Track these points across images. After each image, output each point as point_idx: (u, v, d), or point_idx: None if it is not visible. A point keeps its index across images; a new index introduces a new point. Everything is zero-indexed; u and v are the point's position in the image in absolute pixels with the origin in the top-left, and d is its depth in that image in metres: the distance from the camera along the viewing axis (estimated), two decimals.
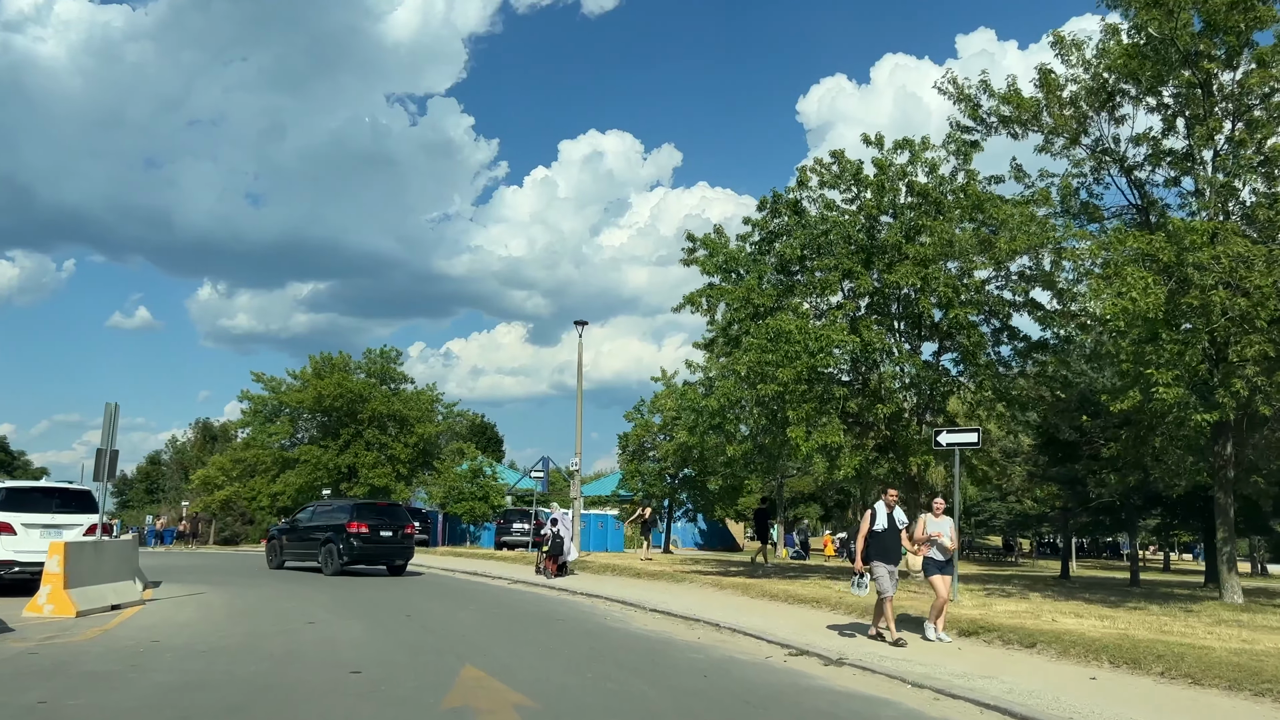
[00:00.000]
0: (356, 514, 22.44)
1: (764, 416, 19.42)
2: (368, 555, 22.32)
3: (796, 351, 18.12)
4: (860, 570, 11.48)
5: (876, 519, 11.50)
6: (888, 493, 11.70)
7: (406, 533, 22.96)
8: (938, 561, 11.60)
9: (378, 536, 22.21)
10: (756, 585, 18.05)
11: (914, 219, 19.20)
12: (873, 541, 11.45)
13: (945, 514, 12.04)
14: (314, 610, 14.44)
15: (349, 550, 21.86)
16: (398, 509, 24.63)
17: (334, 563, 21.98)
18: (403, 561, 23.04)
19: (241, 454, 49.23)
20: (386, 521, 22.74)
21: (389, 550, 22.65)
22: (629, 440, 42.25)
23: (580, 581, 20.70)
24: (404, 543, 22.87)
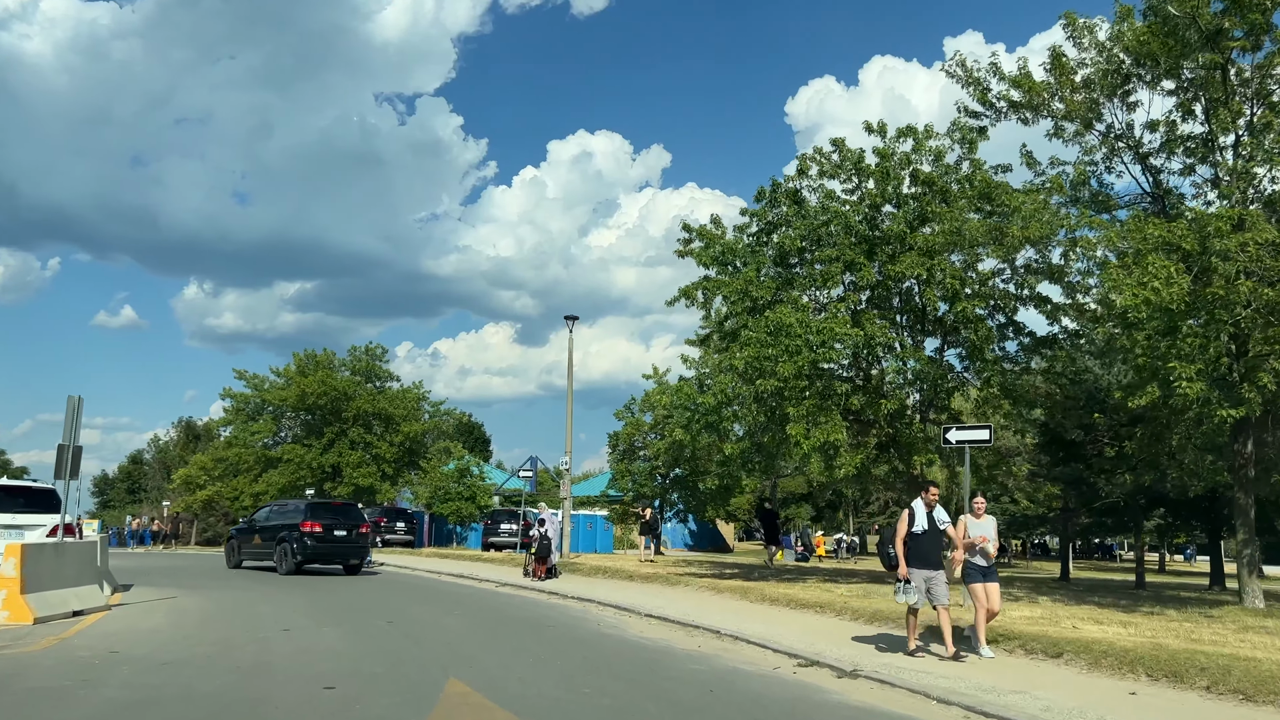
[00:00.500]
0: (310, 513, 22.64)
1: (762, 413, 18.69)
2: (321, 554, 22.53)
3: (797, 345, 17.40)
4: (904, 576, 10.36)
5: (915, 520, 10.41)
6: (927, 490, 10.54)
7: (361, 532, 23.29)
8: (980, 568, 10.54)
9: (331, 536, 22.44)
10: (755, 589, 17.32)
11: (919, 208, 18.52)
12: (911, 545, 10.38)
13: (987, 514, 11.06)
14: (291, 616, 13.63)
15: (303, 549, 22.07)
16: (352, 509, 24.85)
17: (288, 561, 22.14)
18: (357, 561, 23.30)
19: (223, 453, 48.29)
20: (341, 521, 22.94)
21: (343, 549, 22.86)
22: (619, 439, 41.49)
23: (571, 584, 19.93)
24: (358, 542, 23.14)
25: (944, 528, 10.48)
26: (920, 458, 17.80)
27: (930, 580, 10.30)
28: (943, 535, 10.51)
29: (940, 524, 10.43)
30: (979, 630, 10.62)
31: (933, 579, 10.32)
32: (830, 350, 16.99)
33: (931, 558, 10.37)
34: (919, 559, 10.31)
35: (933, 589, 10.29)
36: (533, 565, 21.40)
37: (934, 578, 10.32)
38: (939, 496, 10.58)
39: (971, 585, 10.59)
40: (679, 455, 37.70)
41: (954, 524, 10.83)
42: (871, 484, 24.77)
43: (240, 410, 48.45)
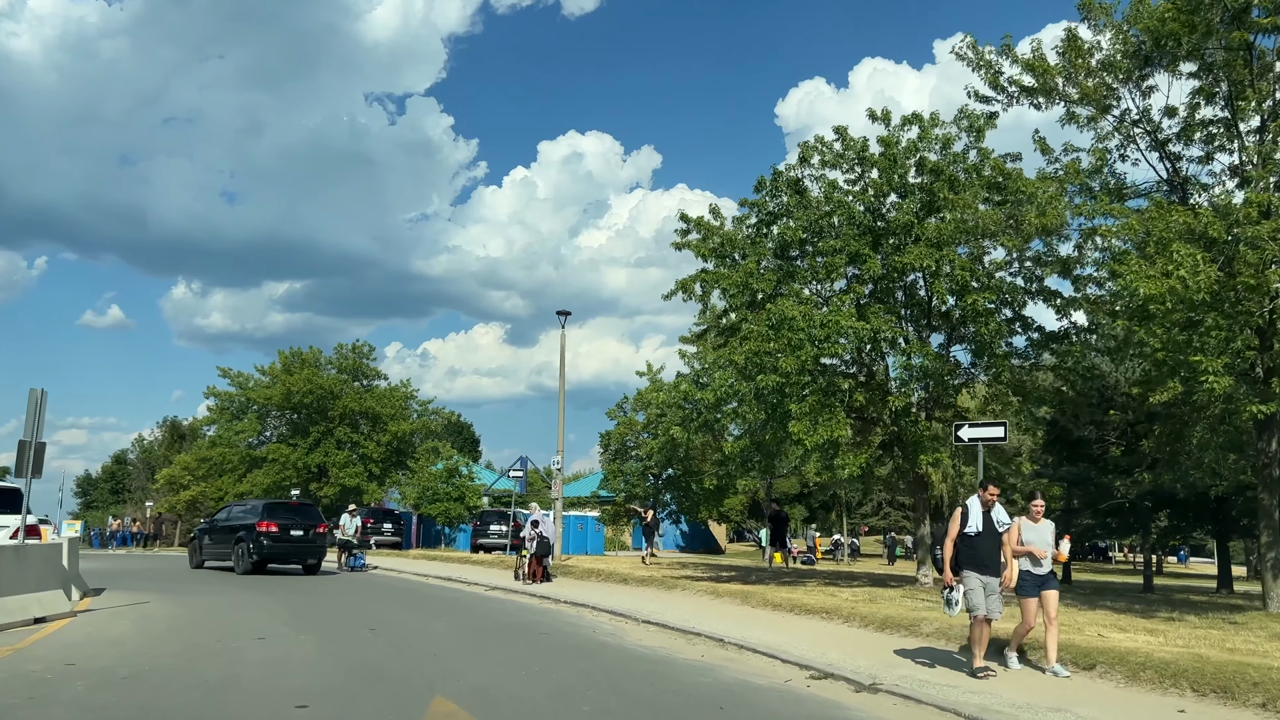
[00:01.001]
0: (267, 513, 22.89)
1: (763, 411, 17.99)
2: (277, 554, 22.79)
3: (800, 340, 16.71)
4: (950, 583, 9.28)
5: (969, 519, 9.31)
6: (985, 489, 9.45)
7: (318, 532, 23.54)
8: (1037, 577, 9.49)
9: (288, 536, 22.66)
10: (756, 593, 16.61)
11: (926, 198, 17.84)
12: (964, 547, 9.30)
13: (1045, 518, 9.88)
14: (268, 622, 12.85)
15: (259, 549, 22.29)
16: (310, 509, 25.11)
17: (244, 561, 22.43)
18: (315, 560, 23.52)
19: (207, 453, 47.38)
20: (297, 521, 23.17)
21: (300, 549, 23.11)
22: (611, 439, 40.70)
23: (564, 588, 19.19)
24: (315, 542, 23.37)
25: (1004, 530, 9.42)
26: (926, 457, 17.11)
27: (988, 589, 9.21)
28: (1001, 538, 9.45)
29: (1000, 525, 9.37)
30: (1013, 641, 9.75)
31: (991, 587, 9.22)
32: (834, 345, 16.29)
33: (989, 562, 9.24)
34: (974, 563, 9.22)
35: (988, 598, 9.26)
36: (527, 568, 20.64)
37: (991, 586, 9.22)
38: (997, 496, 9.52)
39: (1026, 599, 9.47)
40: (672, 455, 37.00)
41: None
42: (874, 484, 24.06)
43: (225, 409, 47.57)
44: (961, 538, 9.33)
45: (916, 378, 16.92)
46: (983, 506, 9.37)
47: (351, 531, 25.64)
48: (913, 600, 16.08)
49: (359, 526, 26.35)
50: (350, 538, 25.49)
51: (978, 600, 9.10)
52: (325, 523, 24.51)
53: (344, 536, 25.53)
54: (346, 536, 25.48)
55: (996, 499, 9.51)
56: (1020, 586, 9.50)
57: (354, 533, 25.75)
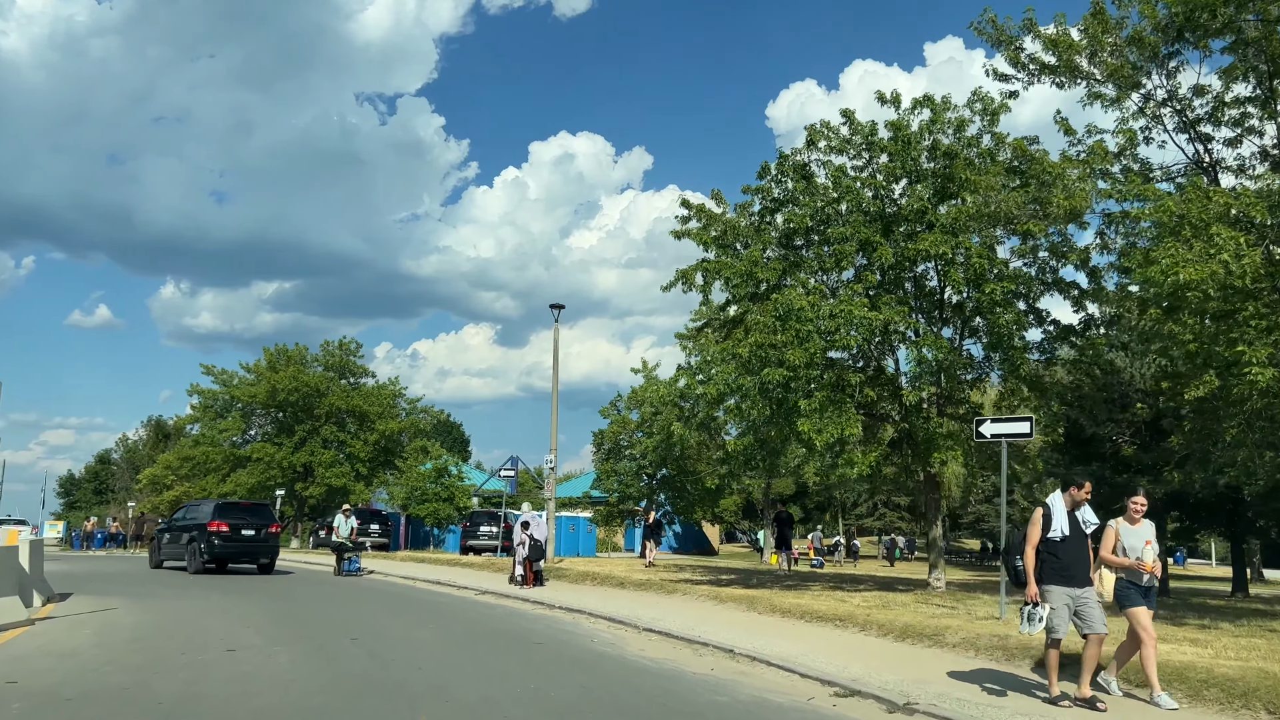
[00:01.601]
0: (218, 513, 23.19)
1: (767, 406, 17.12)
2: (228, 553, 23.03)
3: (807, 331, 15.83)
4: (1032, 598, 7.95)
5: (1052, 522, 8.03)
6: (1080, 487, 8.16)
7: (270, 531, 23.83)
8: (1140, 587, 8.22)
9: (239, 535, 22.93)
10: (763, 598, 15.73)
11: (939, 184, 16.99)
12: (1047, 555, 7.99)
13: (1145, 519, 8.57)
14: (241, 631, 11.92)
15: (210, 548, 22.55)
16: (263, 509, 25.47)
17: (196, 560, 22.74)
18: (267, 560, 23.77)
19: (190, 452, 46.22)
20: (249, 520, 23.44)
21: (251, 548, 23.37)
22: (604, 438, 39.77)
23: (558, 593, 18.28)
24: (268, 541, 23.63)
25: (1089, 531, 8.20)
26: (940, 454, 16.26)
27: (1079, 600, 7.87)
28: (1089, 542, 8.22)
29: (1087, 527, 8.15)
30: (1149, 669, 8.13)
31: (1082, 599, 7.89)
32: (846, 336, 15.41)
33: (1076, 571, 7.93)
34: (1058, 573, 7.90)
35: (1082, 612, 7.87)
36: (521, 572, 19.73)
37: (1083, 597, 7.90)
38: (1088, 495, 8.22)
39: (1132, 610, 8.12)
40: (668, 454, 36.12)
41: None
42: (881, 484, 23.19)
43: (208, 407, 46.42)
44: (1044, 543, 8.02)
45: (930, 372, 16.06)
46: (1068, 506, 8.11)
47: (346, 533, 24.18)
48: (928, 606, 15.23)
49: (354, 528, 24.82)
50: (344, 540, 24.05)
51: (1059, 622, 7.87)
52: (278, 522, 24.97)
53: (338, 539, 24.15)
54: (341, 539, 24.07)
55: (1087, 498, 8.25)
56: (1123, 596, 8.24)
57: (349, 534, 24.27)
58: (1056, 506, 8.10)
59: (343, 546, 23.91)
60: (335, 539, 24.22)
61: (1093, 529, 8.16)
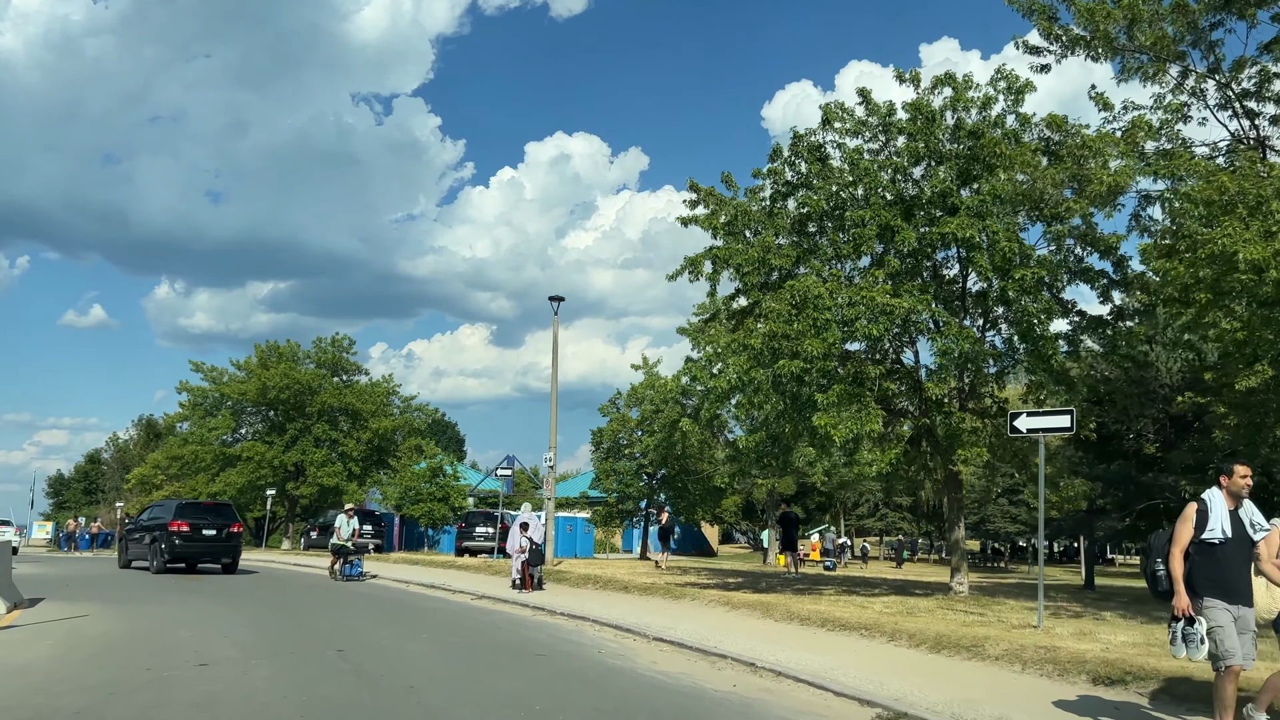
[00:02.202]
0: (178, 513, 23.37)
1: (781, 401, 16.17)
2: (189, 553, 23.17)
3: (825, 320, 14.88)
4: (1184, 612, 6.31)
5: (1209, 520, 6.44)
6: (1224, 475, 6.58)
7: (232, 531, 23.84)
8: None
9: (199, 535, 23.04)
10: (778, 604, 14.78)
11: (965, 165, 16.03)
12: (1202, 561, 6.41)
13: None
14: (217, 643, 10.94)
15: (170, 548, 22.74)
16: (225, 508, 25.42)
17: (157, 560, 22.96)
18: (229, 559, 23.82)
19: (179, 451, 45.15)
20: (210, 520, 23.52)
21: (212, 548, 23.45)
22: (603, 436, 38.84)
23: (559, 598, 17.32)
24: (229, 541, 23.69)
25: (1261, 536, 6.55)
26: (964, 451, 15.31)
27: (1240, 621, 6.29)
28: (1253, 548, 6.52)
29: (1256, 529, 6.52)
30: (1264, 698, 6.52)
31: (1243, 621, 6.32)
32: (870, 325, 14.44)
33: (1239, 584, 6.37)
34: (1218, 584, 6.34)
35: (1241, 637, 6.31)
36: (521, 575, 18.79)
37: (1244, 619, 6.33)
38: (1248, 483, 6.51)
39: None
40: (669, 453, 35.21)
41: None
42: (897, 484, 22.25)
43: (198, 405, 45.36)
44: (1197, 546, 6.45)
45: (956, 363, 15.11)
46: (1229, 502, 6.51)
47: (348, 535, 22.70)
48: (955, 613, 14.30)
49: (356, 529, 23.33)
50: (345, 542, 22.55)
51: (1230, 642, 6.18)
52: (240, 522, 25.24)
53: (339, 541, 22.68)
54: (342, 541, 22.60)
55: (1248, 488, 6.55)
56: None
57: (350, 536, 22.76)
58: (1215, 502, 6.50)
59: (343, 549, 22.57)
60: (336, 540, 22.86)
61: (1264, 532, 6.55)
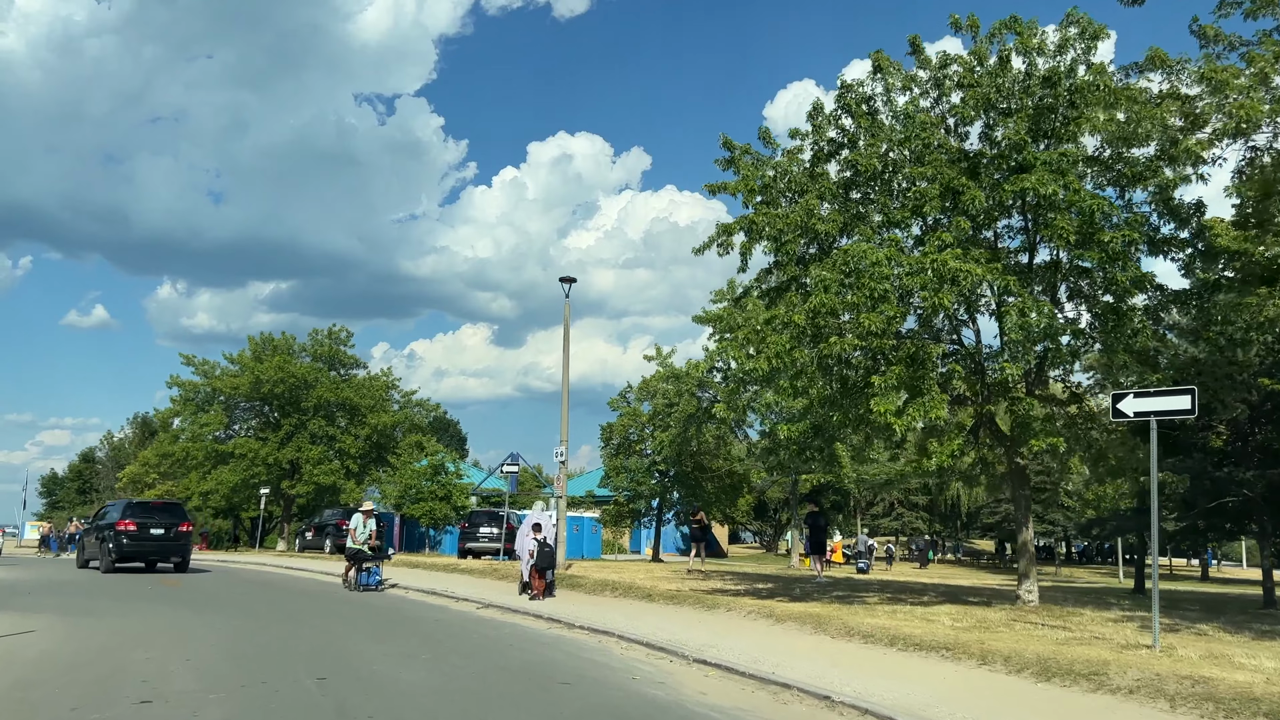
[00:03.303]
0: (126, 512, 23.53)
1: (828, 385, 14.28)
2: (137, 552, 23.30)
3: (884, 291, 12.97)
4: None
5: None
6: None
7: (181, 530, 23.83)
8: None
9: (147, 534, 23.10)
10: (830, 617, 12.88)
11: (1038, 117, 14.08)
12: None
13: None
14: (175, 668, 9.07)
15: (118, 547, 22.83)
16: (175, 508, 25.46)
17: (106, 559, 23.10)
18: (179, 558, 23.80)
19: (169, 448, 43.27)
20: (158, 519, 23.55)
21: (161, 548, 23.47)
22: (613, 431, 36.87)
23: (576, 606, 15.43)
24: (178, 540, 23.70)
25: None
26: (1039, 441, 13.38)
27: None
28: None
29: None
30: None
31: None
32: (937, 295, 12.49)
33: None
34: None
35: None
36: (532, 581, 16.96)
37: None
38: None
39: None
40: (683, 449, 33.30)
41: None
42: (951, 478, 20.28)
43: (189, 400, 43.43)
44: None
45: (1035, 339, 13.17)
46: None
47: (364, 538, 19.83)
48: (1039, 628, 12.41)
49: (374, 531, 20.28)
50: (362, 546, 19.72)
51: None
52: (189, 521, 25.33)
53: (354, 545, 19.86)
54: (357, 545, 19.76)
55: None
56: None
57: (367, 539, 19.88)
58: None
59: (360, 554, 19.70)
60: (351, 544, 20.04)
61: None
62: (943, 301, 12.48)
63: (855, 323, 13.24)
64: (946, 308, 12.90)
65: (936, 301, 12.47)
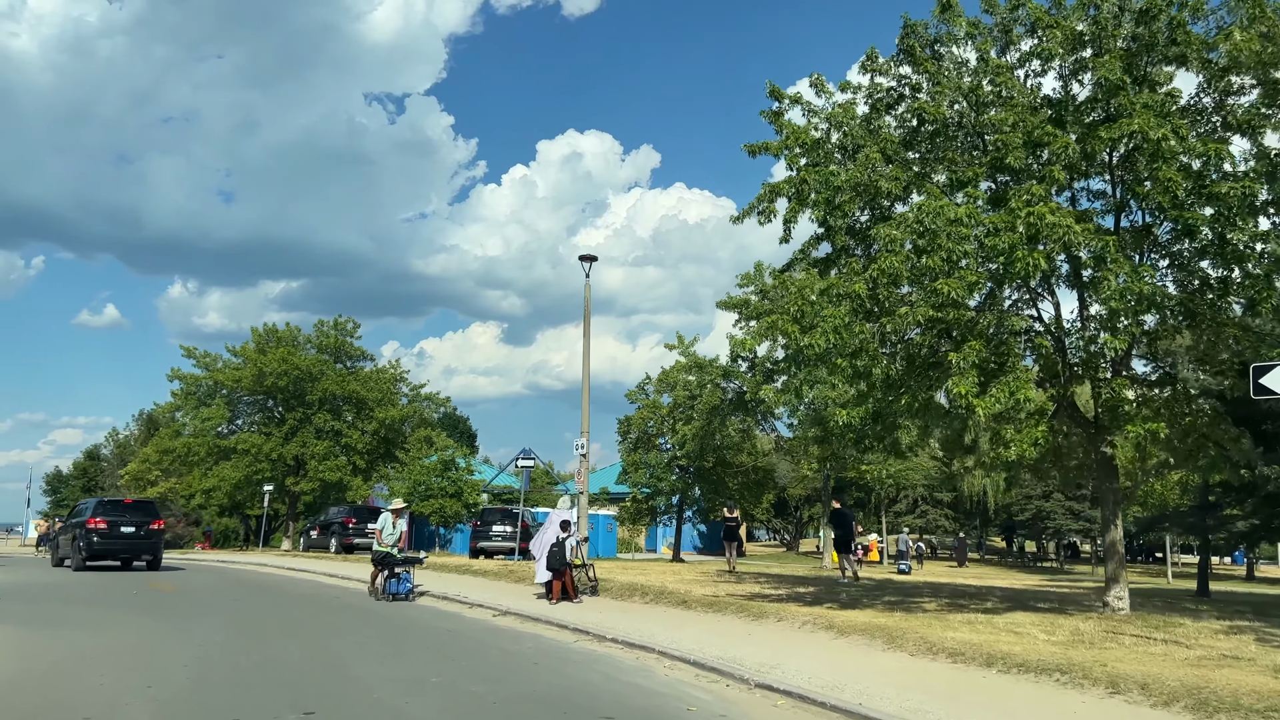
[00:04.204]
0: (96, 510, 23.65)
1: (894, 363, 12.55)
2: (107, 551, 23.25)
3: (961, 254, 11.22)
4: None
5: None
6: None
7: (152, 528, 23.76)
8: None
9: (117, 532, 23.07)
10: (902, 630, 11.15)
11: (1131, 57, 12.31)
12: None
13: None
14: (129, 697, 7.42)
15: (88, 546, 22.82)
16: (147, 505, 25.54)
17: (77, 558, 23.09)
18: (150, 557, 23.71)
19: (170, 443, 41.72)
20: (129, 517, 23.53)
21: (131, 546, 23.45)
22: (631, 425, 35.10)
23: (604, 615, 13.74)
24: (149, 538, 23.62)
25: None
26: (1136, 429, 11.63)
27: None
28: None
29: None
30: None
31: None
32: (1030, 256, 10.72)
33: None
34: None
35: None
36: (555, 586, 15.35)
37: None
38: None
39: None
40: (706, 443, 31.54)
41: None
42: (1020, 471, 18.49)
43: (190, 394, 41.87)
44: None
45: (1138, 309, 11.40)
46: None
47: (392, 540, 17.31)
48: (1149, 641, 10.65)
49: (404, 532, 17.80)
50: (389, 548, 17.18)
51: None
52: (161, 519, 25.29)
53: (381, 548, 17.20)
54: (384, 547, 17.17)
55: None
56: None
57: (396, 541, 17.48)
58: None
59: (388, 558, 17.06)
60: (378, 547, 17.36)
61: None
62: (1038, 263, 10.70)
63: (928, 291, 11.49)
64: (1045, 269, 11.12)
65: (1031, 263, 10.69)
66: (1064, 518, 44.61)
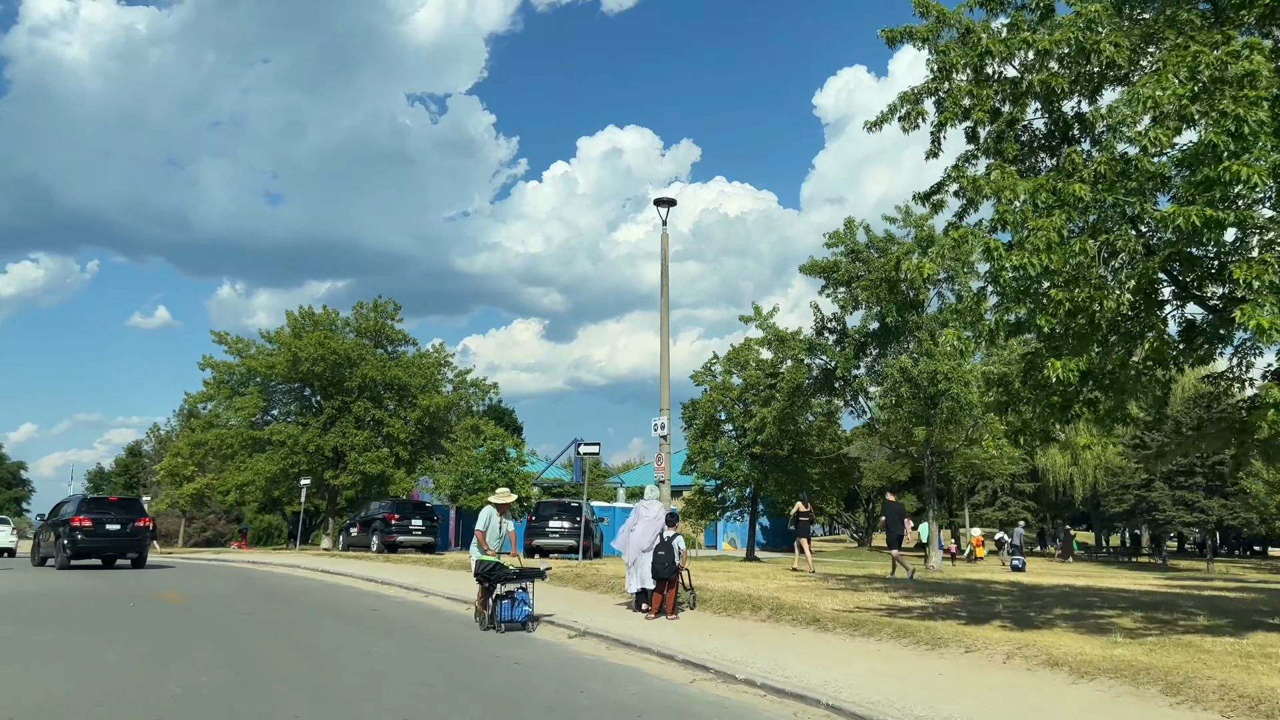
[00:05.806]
0: (81, 508, 23.31)
1: (1122, 295, 9.04)
2: (92, 549, 23.07)
3: (1257, 124, 7.69)
4: None
5: None
6: None
7: (137, 526, 23.54)
8: None
9: (102, 530, 22.79)
10: (1175, 671, 7.66)
11: None
12: None
13: None
14: None
15: (72, 544, 22.48)
16: (132, 503, 25.56)
17: (61, 555, 22.72)
18: (136, 554, 23.61)
19: (201, 436, 39.11)
20: (113, 515, 23.31)
21: (116, 544, 23.27)
22: (697, 410, 31.76)
23: (715, 639, 10.42)
24: (134, 536, 23.43)
25: None
26: None
27: None
28: None
29: None
30: None
31: None
32: None
33: None
34: None
35: None
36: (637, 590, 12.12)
37: None
38: None
39: None
40: (786, 426, 28.12)
41: None
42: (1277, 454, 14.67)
43: (223, 383, 39.19)
44: None
45: None
46: None
47: (499, 543, 12.09)
48: None
49: (512, 532, 12.40)
50: (496, 558, 11.93)
51: None
52: (148, 516, 25.10)
53: (485, 556, 11.86)
54: (490, 556, 11.90)
55: None
56: None
57: (504, 545, 12.13)
58: None
59: (499, 572, 11.81)
60: (481, 555, 11.87)
61: None
62: None
63: (1197, 183, 7.97)
64: None
65: None
66: (1174, 508, 40.41)
